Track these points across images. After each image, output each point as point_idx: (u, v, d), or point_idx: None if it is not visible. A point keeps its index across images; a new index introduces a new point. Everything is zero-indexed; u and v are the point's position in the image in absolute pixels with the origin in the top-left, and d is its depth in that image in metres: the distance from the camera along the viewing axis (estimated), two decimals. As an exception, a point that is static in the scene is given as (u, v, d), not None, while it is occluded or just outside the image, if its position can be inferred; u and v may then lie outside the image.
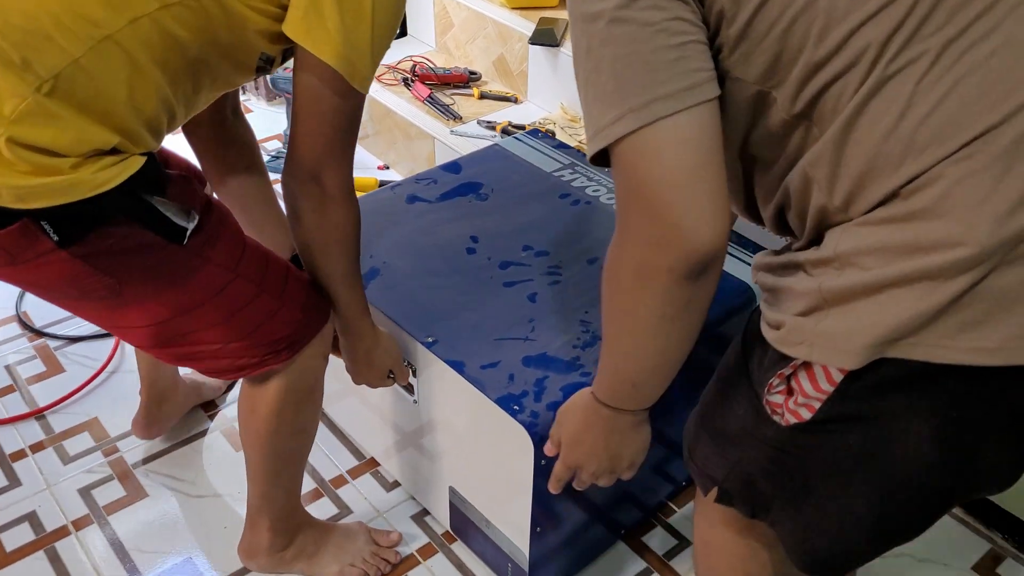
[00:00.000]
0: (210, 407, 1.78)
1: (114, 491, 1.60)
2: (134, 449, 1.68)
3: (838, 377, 0.77)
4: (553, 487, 1.13)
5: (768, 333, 0.81)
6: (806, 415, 0.80)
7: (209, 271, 1.09)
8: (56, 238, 0.97)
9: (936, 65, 0.69)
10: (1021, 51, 0.67)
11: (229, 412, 1.77)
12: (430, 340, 1.32)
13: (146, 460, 1.66)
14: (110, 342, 1.92)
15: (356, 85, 1.04)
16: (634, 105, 0.74)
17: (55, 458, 1.66)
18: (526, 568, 1.35)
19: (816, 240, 0.79)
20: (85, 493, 1.59)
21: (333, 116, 1.06)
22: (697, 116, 0.74)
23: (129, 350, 1.91)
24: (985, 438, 0.77)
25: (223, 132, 1.33)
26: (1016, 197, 0.67)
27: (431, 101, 2.43)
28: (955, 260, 0.68)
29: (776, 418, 0.83)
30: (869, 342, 0.73)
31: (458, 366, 1.27)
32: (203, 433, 1.73)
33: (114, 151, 0.97)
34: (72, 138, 0.93)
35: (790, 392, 0.81)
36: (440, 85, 2.51)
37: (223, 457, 1.68)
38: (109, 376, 1.85)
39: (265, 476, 1.31)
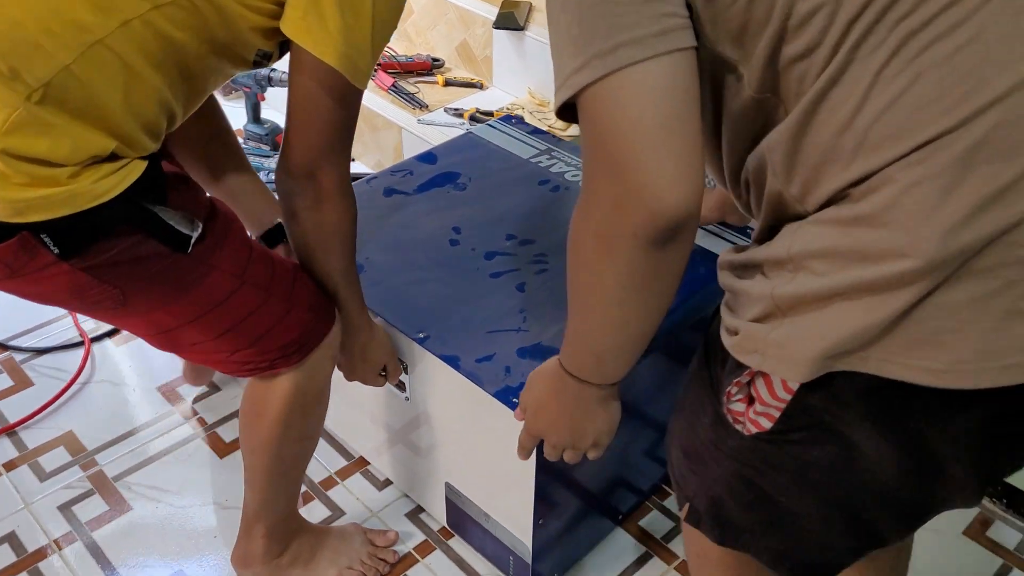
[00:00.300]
0: (191, 415, 1.74)
1: (96, 506, 1.55)
2: (113, 462, 1.63)
3: (794, 386, 0.74)
4: (520, 455, 1.10)
5: (725, 339, 0.79)
6: (767, 424, 0.78)
7: (215, 279, 1.06)
8: (56, 251, 0.93)
9: (896, 57, 0.65)
10: (987, 50, 0.63)
11: (210, 418, 1.73)
12: (422, 336, 1.29)
13: (127, 472, 1.62)
14: (79, 353, 1.86)
15: (357, 83, 1.01)
16: (599, 50, 0.68)
17: (31, 475, 1.60)
18: (529, 561, 1.33)
19: (774, 229, 0.76)
20: (65, 509, 1.54)
21: (332, 114, 1.03)
22: (669, 65, 0.68)
23: (100, 360, 1.85)
24: (945, 453, 0.74)
25: None
26: (966, 210, 0.63)
27: (395, 90, 2.39)
28: (899, 273, 0.65)
29: (739, 427, 0.80)
30: (817, 355, 0.70)
31: (452, 361, 1.25)
32: (185, 441, 1.68)
33: (113, 157, 0.94)
34: (68, 147, 0.90)
35: (751, 400, 0.79)
36: (403, 73, 2.47)
37: (207, 465, 1.64)
38: (81, 388, 1.79)
39: (266, 482, 1.28)
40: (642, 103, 0.68)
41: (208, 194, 1.13)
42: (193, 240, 1.02)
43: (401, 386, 1.38)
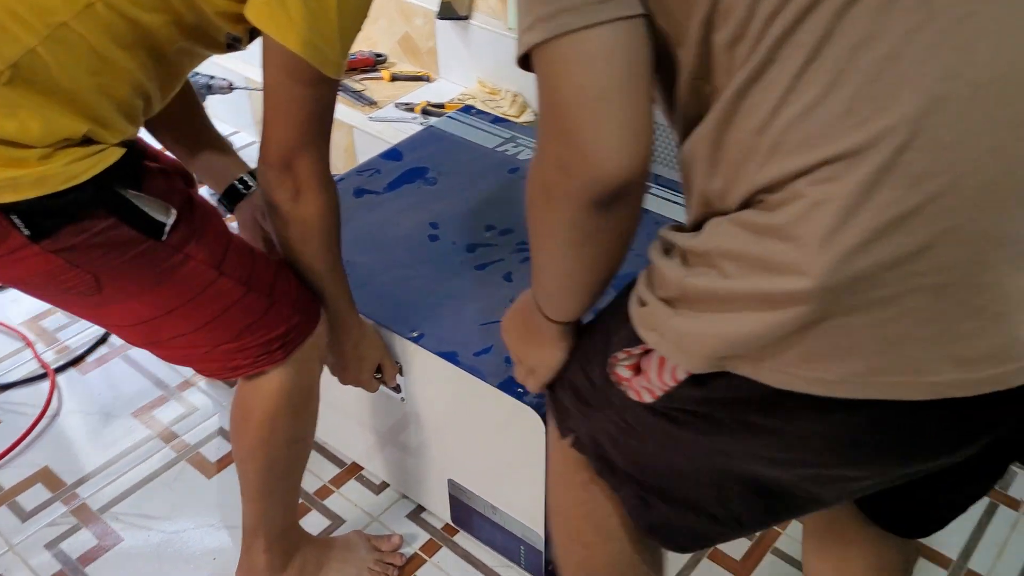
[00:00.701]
0: (171, 438, 1.69)
1: (85, 540, 1.50)
2: (96, 493, 1.58)
3: (683, 375, 0.75)
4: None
5: (632, 307, 0.80)
6: (648, 399, 0.79)
7: (191, 268, 1.05)
8: (27, 232, 0.93)
9: (814, 62, 0.63)
10: (904, 66, 0.61)
11: (191, 439, 1.69)
12: (416, 334, 1.28)
13: (112, 502, 1.56)
14: (44, 386, 1.79)
15: (326, 72, 0.99)
16: (543, 13, 0.68)
17: (11, 516, 1.54)
18: (542, 548, 1.33)
19: (700, 225, 0.76)
20: (54, 548, 1.49)
21: (303, 103, 1.01)
22: (610, 33, 0.68)
23: (67, 391, 1.79)
24: (814, 461, 0.75)
25: None
26: (865, 235, 0.63)
27: (341, 89, 2.34)
28: (794, 290, 0.65)
29: (622, 389, 0.82)
30: (710, 353, 0.71)
31: (451, 357, 1.24)
32: (168, 465, 1.64)
33: (88, 141, 0.95)
34: (39, 129, 0.91)
35: (638, 371, 0.80)
36: (347, 71, 2.43)
37: (194, 486, 1.60)
38: (51, 421, 1.72)
39: (261, 492, 1.25)
40: (582, 71, 0.68)
41: (187, 187, 1.11)
42: (168, 228, 1.02)
43: (396, 387, 1.36)
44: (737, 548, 1.47)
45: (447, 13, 2.24)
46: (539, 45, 0.69)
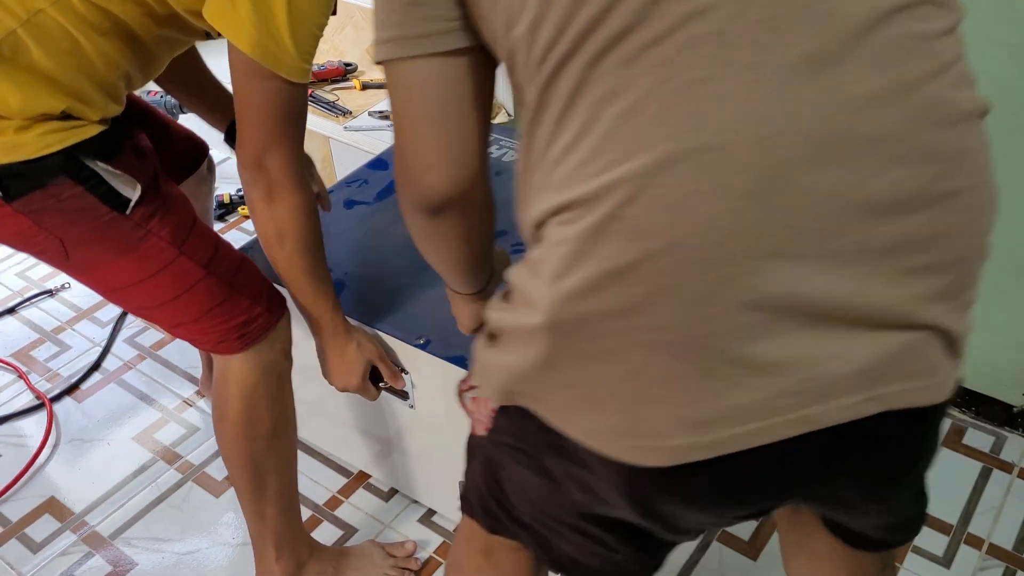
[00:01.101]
0: (174, 459, 1.69)
1: (99, 568, 1.50)
2: (105, 520, 1.58)
3: (495, 405, 0.79)
4: None
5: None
6: (481, 431, 0.83)
7: (152, 245, 1.10)
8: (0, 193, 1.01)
9: (570, 109, 0.65)
10: (640, 122, 0.62)
11: (195, 459, 1.69)
12: (422, 341, 1.29)
13: (122, 528, 1.57)
14: (41, 416, 1.78)
15: (284, 75, 1.01)
16: (377, 38, 0.73)
17: (22, 549, 1.54)
18: (557, 542, 1.36)
19: None
20: (67, 577, 1.49)
21: (265, 103, 1.04)
22: (428, 66, 0.72)
23: (64, 420, 1.78)
24: (608, 501, 0.76)
25: None
26: (588, 281, 0.64)
27: (314, 100, 2.35)
28: (532, 326, 0.68)
29: (473, 426, 0.86)
30: (497, 384, 0.75)
31: (459, 360, 1.26)
32: (175, 487, 1.64)
33: (66, 116, 1.02)
34: (17, 102, 0.98)
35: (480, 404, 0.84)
36: (317, 83, 2.43)
37: (202, 505, 1.60)
38: (52, 451, 1.72)
39: (252, 490, 1.27)
40: (405, 96, 0.74)
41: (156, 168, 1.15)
42: (132, 203, 1.07)
43: (403, 395, 1.37)
44: (745, 529, 1.50)
45: (417, 19, 2.25)
46: (379, 63, 0.74)
